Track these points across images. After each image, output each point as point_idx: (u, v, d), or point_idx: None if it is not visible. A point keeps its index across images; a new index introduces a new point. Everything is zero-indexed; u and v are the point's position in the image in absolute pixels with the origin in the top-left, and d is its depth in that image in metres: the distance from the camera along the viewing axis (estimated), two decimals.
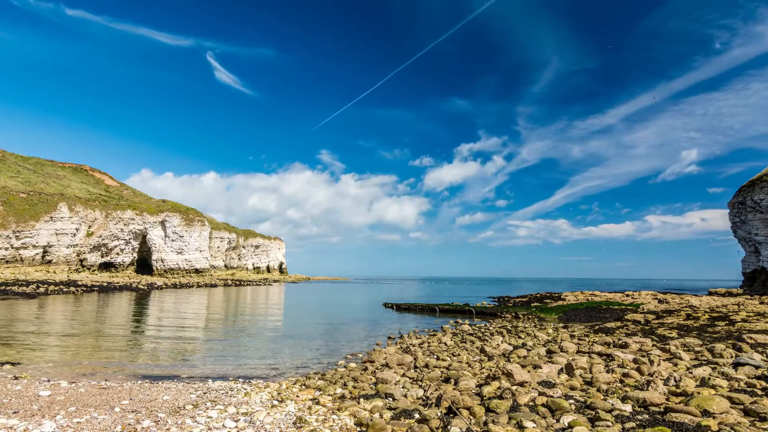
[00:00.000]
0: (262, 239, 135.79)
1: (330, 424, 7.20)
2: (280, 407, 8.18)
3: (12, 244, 64.73)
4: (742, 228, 56.65)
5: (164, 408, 8.07)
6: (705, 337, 15.87)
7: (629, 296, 44.70)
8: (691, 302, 34.14)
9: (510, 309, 32.78)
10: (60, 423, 6.98)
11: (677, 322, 21.21)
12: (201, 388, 9.89)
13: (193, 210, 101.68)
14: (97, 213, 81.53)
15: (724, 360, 11.23)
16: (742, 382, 8.67)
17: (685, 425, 6.15)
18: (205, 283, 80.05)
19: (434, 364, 12.35)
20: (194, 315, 29.45)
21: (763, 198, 52.36)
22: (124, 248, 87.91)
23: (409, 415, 7.35)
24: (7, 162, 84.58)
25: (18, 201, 68.52)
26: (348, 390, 9.56)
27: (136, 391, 9.41)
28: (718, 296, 44.37)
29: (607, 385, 8.92)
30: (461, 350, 14.85)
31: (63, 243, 72.85)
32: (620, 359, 11.49)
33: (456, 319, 28.94)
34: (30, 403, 8.20)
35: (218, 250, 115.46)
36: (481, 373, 10.96)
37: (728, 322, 20.23)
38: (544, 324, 24.86)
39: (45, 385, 9.77)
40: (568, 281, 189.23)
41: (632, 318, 23.47)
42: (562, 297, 45.45)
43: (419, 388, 9.25)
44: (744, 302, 32.24)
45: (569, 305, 34.76)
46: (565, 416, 6.75)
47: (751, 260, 56.14)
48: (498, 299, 51.36)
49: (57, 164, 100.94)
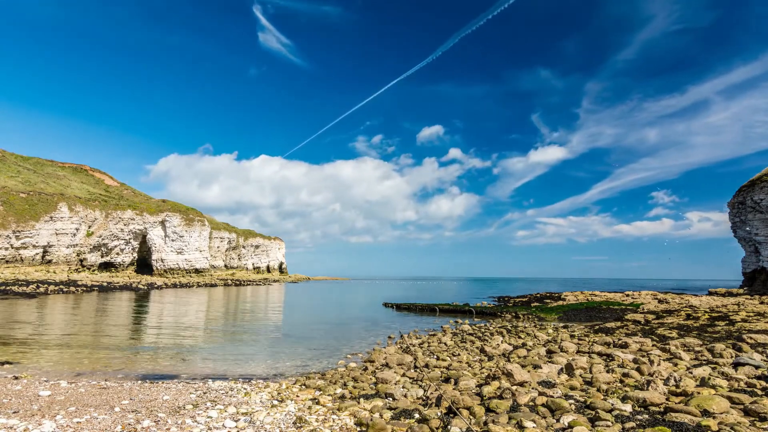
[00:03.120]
0: (262, 239, 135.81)
1: (330, 424, 7.20)
2: (280, 407, 8.18)
3: (12, 244, 64.72)
4: (742, 228, 56.65)
5: (164, 408, 8.07)
6: (705, 337, 15.86)
7: (629, 296, 44.73)
8: (691, 302, 34.14)
9: (510, 309, 32.77)
10: (60, 423, 6.97)
11: (677, 322, 21.21)
12: (201, 388, 9.89)
13: (193, 210, 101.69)
14: (97, 213, 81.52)
15: (724, 360, 11.22)
16: (742, 382, 8.67)
17: (685, 425, 6.15)
18: (205, 283, 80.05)
19: (434, 364, 12.35)
20: (194, 315, 29.44)
21: (763, 198, 52.35)
22: (124, 248, 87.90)
23: (409, 415, 7.34)
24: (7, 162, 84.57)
25: (18, 201, 68.50)
26: (348, 390, 9.56)
27: (136, 391, 9.41)
28: (718, 296, 44.38)
29: (607, 385, 8.92)
30: (461, 350, 14.84)
31: (63, 243, 72.83)
32: (620, 359, 11.49)
33: (456, 319, 28.94)
34: (30, 403, 8.20)
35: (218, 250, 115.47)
36: (481, 373, 10.96)
37: (728, 322, 20.23)
38: (544, 324, 24.86)
39: (45, 385, 9.77)
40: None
41: (632, 318, 23.46)
42: (562, 297, 45.46)
43: (419, 388, 9.25)
44: (744, 302, 32.24)
45: (569, 305, 34.76)
46: (565, 416, 6.75)
47: (751, 260, 56.14)
48: (498, 299, 51.39)
49: (57, 164, 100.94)
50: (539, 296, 49.18)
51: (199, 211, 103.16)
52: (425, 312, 34.26)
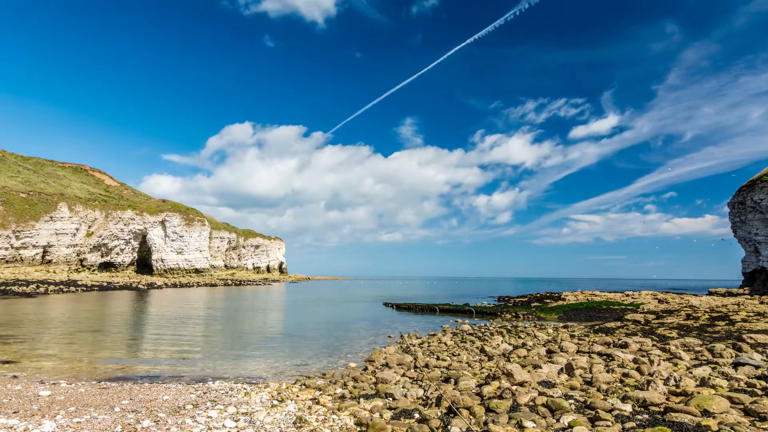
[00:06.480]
0: (262, 239, 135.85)
1: (330, 423, 7.20)
2: (280, 407, 8.18)
3: (12, 244, 64.71)
4: (742, 228, 56.66)
5: (164, 408, 8.07)
6: (705, 337, 15.86)
7: (629, 296, 44.73)
8: (691, 302, 34.14)
9: (510, 309, 32.78)
10: (60, 423, 6.97)
11: (677, 322, 21.20)
12: (201, 388, 9.88)
13: (194, 210, 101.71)
14: (97, 213, 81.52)
15: (724, 360, 11.22)
16: (742, 382, 8.66)
17: (685, 425, 6.15)
18: (205, 283, 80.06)
19: (434, 363, 12.35)
20: (194, 315, 29.44)
21: (763, 198, 52.35)
22: (124, 248, 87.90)
23: (409, 415, 7.34)
24: (7, 162, 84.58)
25: (18, 201, 68.50)
26: (348, 390, 9.56)
27: (136, 391, 9.41)
28: (718, 296, 44.39)
29: (607, 385, 8.92)
30: (461, 350, 14.84)
31: (63, 243, 72.82)
32: (620, 359, 11.49)
33: (456, 318, 28.95)
34: (30, 402, 8.20)
35: (218, 250, 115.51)
36: (481, 373, 10.96)
37: (728, 322, 20.23)
38: (544, 324, 24.86)
39: (45, 385, 9.77)
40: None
41: (632, 318, 23.46)
42: (562, 297, 45.46)
43: (419, 388, 9.25)
44: (744, 302, 32.25)
45: (569, 305, 34.78)
46: (565, 416, 6.75)
47: (751, 260, 56.15)
48: (498, 299, 51.44)
49: (57, 164, 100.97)
50: (539, 296, 49.18)
51: (199, 211, 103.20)
52: (425, 312, 34.26)
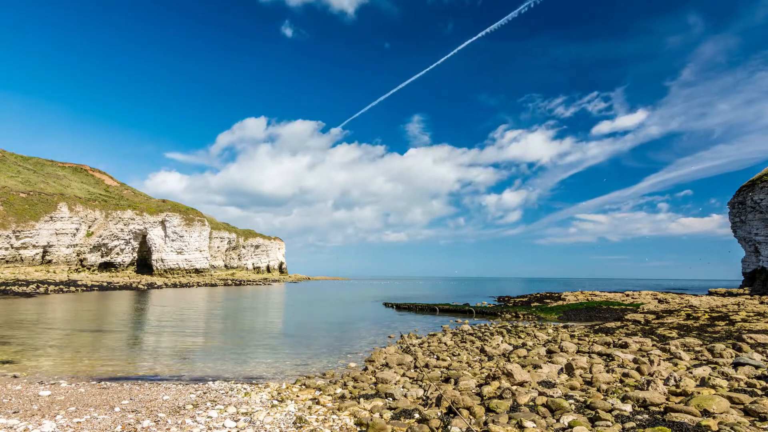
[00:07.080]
0: (262, 239, 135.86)
1: (330, 423, 7.20)
2: (280, 407, 8.18)
3: (12, 244, 64.70)
4: (742, 228, 56.66)
5: (164, 408, 8.07)
6: (705, 337, 15.86)
7: (629, 296, 44.73)
8: (691, 302, 34.14)
9: (510, 309, 32.78)
10: (60, 423, 6.97)
11: (677, 322, 21.20)
12: (201, 388, 9.88)
13: (194, 210, 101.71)
14: (97, 213, 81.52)
15: (724, 360, 11.22)
16: (742, 382, 8.66)
17: (685, 425, 6.15)
18: (205, 283, 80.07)
19: (434, 363, 12.34)
20: (194, 315, 29.44)
21: (763, 198, 52.36)
22: (124, 248, 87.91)
23: (409, 415, 7.34)
24: (7, 162, 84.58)
25: (18, 201, 68.50)
26: (348, 390, 9.56)
27: (136, 391, 9.41)
28: (718, 296, 44.39)
29: (607, 385, 8.92)
30: (461, 350, 14.84)
31: (63, 243, 72.83)
32: (620, 359, 11.49)
33: (456, 318, 28.95)
34: (30, 402, 8.20)
35: (218, 250, 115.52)
36: (481, 373, 10.96)
37: (728, 322, 20.23)
38: (544, 324, 24.86)
39: (45, 385, 9.77)
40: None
41: (632, 318, 23.45)
42: (562, 297, 45.46)
43: (419, 388, 9.25)
44: (744, 302, 32.24)
45: (569, 305, 34.77)
46: (565, 416, 6.75)
47: (751, 260, 56.16)
48: (498, 299, 51.44)
49: (57, 164, 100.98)
50: (539, 296, 49.18)
51: (199, 212, 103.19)
52: (425, 312, 34.26)
